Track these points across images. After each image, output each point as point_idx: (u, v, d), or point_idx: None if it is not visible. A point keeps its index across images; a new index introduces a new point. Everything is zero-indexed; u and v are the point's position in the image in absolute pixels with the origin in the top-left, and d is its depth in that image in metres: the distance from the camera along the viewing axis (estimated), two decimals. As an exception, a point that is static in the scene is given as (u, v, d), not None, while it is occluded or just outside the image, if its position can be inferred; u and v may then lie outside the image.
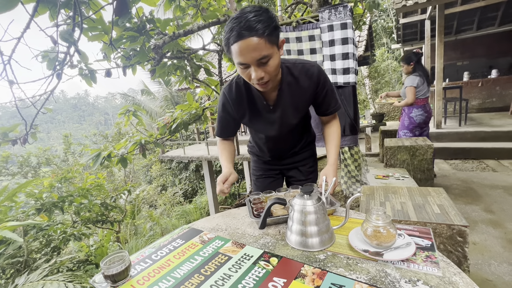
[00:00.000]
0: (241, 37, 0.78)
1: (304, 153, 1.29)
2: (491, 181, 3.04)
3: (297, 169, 1.31)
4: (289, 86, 1.00)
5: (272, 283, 0.61)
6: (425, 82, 2.95)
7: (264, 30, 0.78)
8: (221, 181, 0.97)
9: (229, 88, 1.05)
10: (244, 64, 0.83)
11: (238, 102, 1.05)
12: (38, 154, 7.26)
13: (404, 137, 3.19)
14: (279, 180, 1.37)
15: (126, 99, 12.13)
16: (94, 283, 0.65)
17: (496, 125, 4.53)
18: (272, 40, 0.82)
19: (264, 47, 0.80)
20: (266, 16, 0.80)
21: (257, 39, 0.78)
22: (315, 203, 0.77)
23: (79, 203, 3.09)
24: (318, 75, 1.00)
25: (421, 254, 0.69)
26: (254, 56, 0.80)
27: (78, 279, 2.30)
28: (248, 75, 0.86)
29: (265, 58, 0.82)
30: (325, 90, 1.03)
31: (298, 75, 1.00)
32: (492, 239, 1.94)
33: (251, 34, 0.77)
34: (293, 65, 1.00)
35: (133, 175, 10.29)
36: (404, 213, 1.31)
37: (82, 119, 61.45)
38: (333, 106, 1.09)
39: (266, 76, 0.86)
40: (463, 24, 6.22)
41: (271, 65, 0.84)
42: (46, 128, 52.40)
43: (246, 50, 0.79)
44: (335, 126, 1.14)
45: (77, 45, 1.67)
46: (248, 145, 1.41)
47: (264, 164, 1.35)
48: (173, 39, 2.33)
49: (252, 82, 0.89)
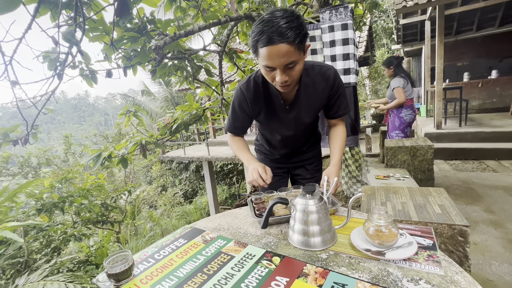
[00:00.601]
0: (272, 42, 0.78)
1: (311, 151, 1.32)
2: (491, 181, 3.04)
3: (304, 167, 1.33)
4: (306, 88, 1.02)
5: (275, 282, 0.62)
6: (409, 83, 3.02)
7: (295, 38, 0.79)
8: (263, 171, 0.97)
9: (246, 85, 1.05)
10: (271, 68, 0.85)
11: (255, 99, 1.06)
12: (39, 155, 7.26)
13: (397, 138, 3.22)
14: (285, 179, 1.39)
15: (126, 100, 12.14)
16: (97, 282, 0.66)
17: (497, 125, 4.53)
18: (301, 47, 0.83)
19: (293, 54, 0.81)
20: (297, 23, 0.80)
21: (287, 46, 0.79)
22: (317, 202, 0.77)
23: (80, 203, 3.09)
24: (334, 78, 1.02)
25: (423, 253, 0.69)
26: (283, 61, 0.82)
27: (79, 280, 2.30)
28: (273, 77, 0.88)
29: (292, 64, 0.83)
30: (338, 93, 1.06)
31: (315, 77, 1.02)
32: (493, 240, 1.94)
33: (282, 41, 0.78)
34: (311, 67, 1.02)
35: (133, 175, 10.29)
36: (405, 213, 1.31)
37: (82, 120, 61.47)
38: (342, 109, 1.11)
39: (289, 79, 0.88)
40: (463, 24, 6.23)
41: (296, 69, 0.86)
42: (46, 129, 52.41)
43: (276, 55, 0.80)
44: (341, 129, 1.16)
45: (80, 45, 1.68)
46: (256, 143, 1.41)
47: (271, 162, 1.35)
48: (174, 39, 2.33)
49: (275, 84, 0.91)
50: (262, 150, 1.38)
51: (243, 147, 1.14)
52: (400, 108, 3.11)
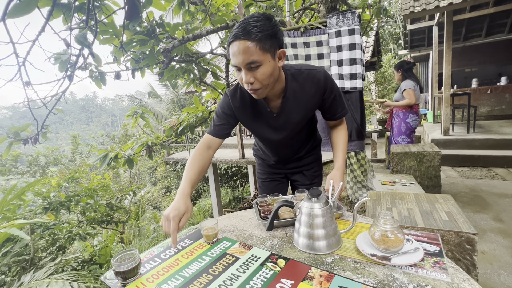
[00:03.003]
0: (235, 38, 0.80)
1: (309, 157, 1.29)
2: (500, 189, 2.98)
3: (302, 173, 1.31)
4: (294, 93, 0.99)
5: (280, 284, 0.62)
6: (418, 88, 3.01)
7: (257, 34, 0.79)
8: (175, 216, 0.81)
9: (233, 92, 1.04)
10: (236, 66, 0.85)
11: (241, 107, 1.04)
12: (47, 154, 7.39)
13: (403, 143, 3.20)
14: (285, 184, 1.38)
15: (133, 101, 12.30)
16: (105, 279, 0.67)
17: (506, 132, 4.45)
18: (265, 47, 0.81)
19: (254, 52, 0.80)
20: (264, 22, 0.81)
21: (248, 43, 0.79)
22: (322, 206, 0.77)
23: (85, 203, 3.13)
24: (324, 81, 0.99)
25: (429, 259, 0.68)
26: (244, 59, 0.81)
27: (82, 279, 2.32)
28: (241, 78, 0.87)
29: (254, 63, 0.81)
30: (332, 95, 1.02)
31: (303, 82, 0.99)
32: (501, 249, 1.90)
33: (244, 37, 0.79)
34: (298, 72, 0.99)
35: (138, 176, 10.37)
36: (411, 219, 1.29)
37: (90, 120, 62.38)
38: (340, 111, 1.09)
39: (256, 83, 0.85)
40: (472, 30, 6.18)
41: (261, 72, 0.83)
42: (54, 129, 53.33)
43: (238, 52, 0.80)
44: (342, 131, 1.13)
45: (92, 48, 1.72)
46: (253, 148, 1.41)
47: (269, 167, 1.35)
48: (182, 43, 2.37)
49: (244, 86, 0.89)
50: (259, 155, 1.37)
51: (193, 166, 0.96)
52: (407, 113, 3.09)
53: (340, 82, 1.97)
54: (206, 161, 1.01)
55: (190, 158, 1.00)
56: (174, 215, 0.81)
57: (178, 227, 0.82)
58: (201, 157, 1.00)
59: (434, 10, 4.17)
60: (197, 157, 0.99)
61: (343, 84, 1.96)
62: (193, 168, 0.96)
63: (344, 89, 1.96)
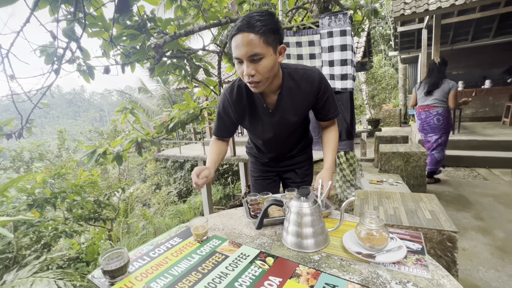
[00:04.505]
0: (239, 31, 0.83)
1: (301, 156, 1.32)
2: (482, 189, 3.10)
3: (294, 171, 1.33)
4: (290, 91, 1.02)
5: (268, 282, 0.63)
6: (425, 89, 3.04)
7: (261, 28, 0.82)
8: (195, 174, 0.97)
9: (230, 90, 1.07)
10: (238, 59, 0.87)
11: (239, 104, 1.06)
12: (31, 149, 7.16)
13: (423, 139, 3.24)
14: (276, 182, 1.39)
15: (123, 97, 12.04)
16: (93, 278, 0.66)
17: (488, 134, 4.63)
18: (268, 40, 0.84)
19: (258, 45, 0.83)
20: (268, 17, 0.84)
21: (252, 35, 0.82)
22: (311, 205, 0.79)
23: (72, 199, 3.06)
24: (319, 81, 1.02)
25: (411, 257, 0.71)
26: (247, 51, 0.83)
27: (68, 277, 2.27)
28: (242, 71, 0.89)
29: (257, 56, 0.84)
30: (325, 96, 1.05)
31: (299, 81, 1.01)
32: (481, 246, 1.98)
33: (249, 30, 0.82)
34: (294, 71, 1.01)
35: (127, 173, 10.20)
36: (397, 217, 1.33)
37: (77, 115, 60.72)
38: (332, 112, 1.11)
39: (257, 75, 0.88)
40: (459, 34, 6.36)
41: (263, 65, 0.86)
42: (40, 123, 51.65)
43: (241, 43, 0.83)
44: (333, 132, 1.16)
45: (80, 42, 1.67)
46: (247, 146, 1.42)
47: (262, 165, 1.36)
48: (174, 38, 2.34)
49: (245, 79, 0.91)
50: (252, 153, 1.39)
51: (212, 152, 1.14)
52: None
53: (331, 82, 1.99)
54: (223, 148, 1.17)
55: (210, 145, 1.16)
56: (196, 169, 0.98)
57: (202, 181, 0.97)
58: (217, 144, 1.16)
59: (424, 13, 4.27)
60: (215, 144, 1.16)
61: (334, 85, 1.99)
62: (213, 152, 1.13)
63: (335, 89, 1.99)
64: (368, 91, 10.37)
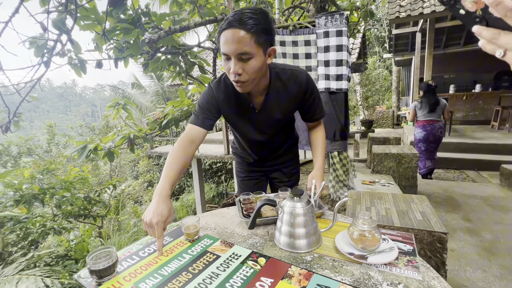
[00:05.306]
0: (230, 26, 0.79)
1: (287, 155, 1.31)
2: (470, 191, 3.17)
3: (280, 170, 1.33)
4: (277, 92, 1.01)
5: (260, 282, 0.62)
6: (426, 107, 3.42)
7: (253, 26, 0.79)
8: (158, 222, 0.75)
9: (217, 84, 1.02)
10: (226, 55, 0.83)
11: (225, 100, 1.02)
12: (20, 143, 6.97)
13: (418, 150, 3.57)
14: (263, 182, 1.38)
15: (115, 92, 11.83)
16: (79, 278, 0.64)
17: (477, 137, 4.73)
18: (259, 40, 0.81)
19: (248, 43, 0.79)
20: (261, 16, 0.81)
21: (243, 33, 0.78)
22: (304, 205, 0.78)
23: (61, 196, 2.99)
24: (306, 82, 1.01)
25: (403, 258, 0.71)
26: (237, 48, 0.80)
27: (56, 274, 2.23)
28: (228, 68, 0.85)
29: (246, 55, 0.81)
30: (312, 97, 1.05)
31: (287, 81, 1.00)
32: (468, 247, 2.02)
33: (240, 27, 0.78)
34: (282, 71, 1.00)
35: (119, 169, 10.05)
36: (388, 218, 1.35)
37: (68, 110, 59.48)
38: (318, 113, 1.12)
39: (244, 75, 0.84)
40: (452, 38, 6.47)
41: (251, 65, 0.83)
42: (29, 117, 50.39)
43: (231, 40, 0.79)
44: (320, 131, 1.17)
45: (70, 34, 1.63)
46: (232, 146, 1.40)
47: (248, 165, 1.35)
48: (169, 34, 2.30)
49: (231, 77, 0.87)
50: (238, 153, 1.36)
51: (175, 162, 0.90)
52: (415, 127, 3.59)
53: (326, 82, 1.99)
54: (189, 158, 0.93)
55: (172, 153, 0.92)
56: (157, 221, 0.75)
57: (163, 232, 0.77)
58: (183, 154, 0.92)
59: (418, 17, 4.32)
60: (179, 153, 0.92)
61: (329, 85, 1.99)
62: (174, 167, 0.88)
63: (330, 89, 1.99)
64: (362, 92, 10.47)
